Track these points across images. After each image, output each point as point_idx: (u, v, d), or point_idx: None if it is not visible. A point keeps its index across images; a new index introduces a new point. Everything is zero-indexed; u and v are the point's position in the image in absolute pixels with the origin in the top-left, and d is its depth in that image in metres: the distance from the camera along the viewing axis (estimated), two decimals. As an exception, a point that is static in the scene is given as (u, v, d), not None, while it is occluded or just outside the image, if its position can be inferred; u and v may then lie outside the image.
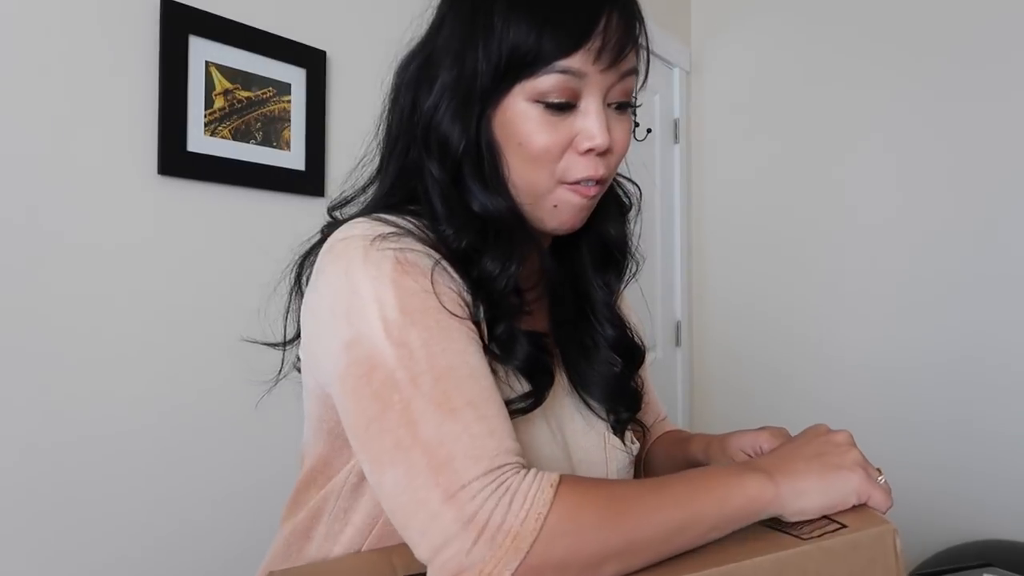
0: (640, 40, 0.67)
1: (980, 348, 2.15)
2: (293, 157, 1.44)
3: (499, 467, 0.53)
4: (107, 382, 1.18)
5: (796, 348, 2.48)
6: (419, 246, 0.61)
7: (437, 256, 0.61)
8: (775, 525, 0.57)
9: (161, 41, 1.24)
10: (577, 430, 0.72)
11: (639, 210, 0.80)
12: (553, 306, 0.73)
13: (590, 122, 0.63)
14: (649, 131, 2.49)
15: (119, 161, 1.20)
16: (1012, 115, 2.13)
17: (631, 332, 0.79)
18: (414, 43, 0.73)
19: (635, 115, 0.71)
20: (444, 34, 0.67)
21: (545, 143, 0.63)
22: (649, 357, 0.84)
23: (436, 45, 0.68)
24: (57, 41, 1.13)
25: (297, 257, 0.72)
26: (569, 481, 0.54)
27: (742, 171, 2.64)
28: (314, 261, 0.66)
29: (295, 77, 1.44)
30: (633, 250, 0.79)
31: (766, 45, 2.59)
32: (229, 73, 1.34)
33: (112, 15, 1.19)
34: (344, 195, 0.74)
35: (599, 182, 0.66)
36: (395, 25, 0.75)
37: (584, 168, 0.65)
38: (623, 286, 0.79)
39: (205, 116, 1.30)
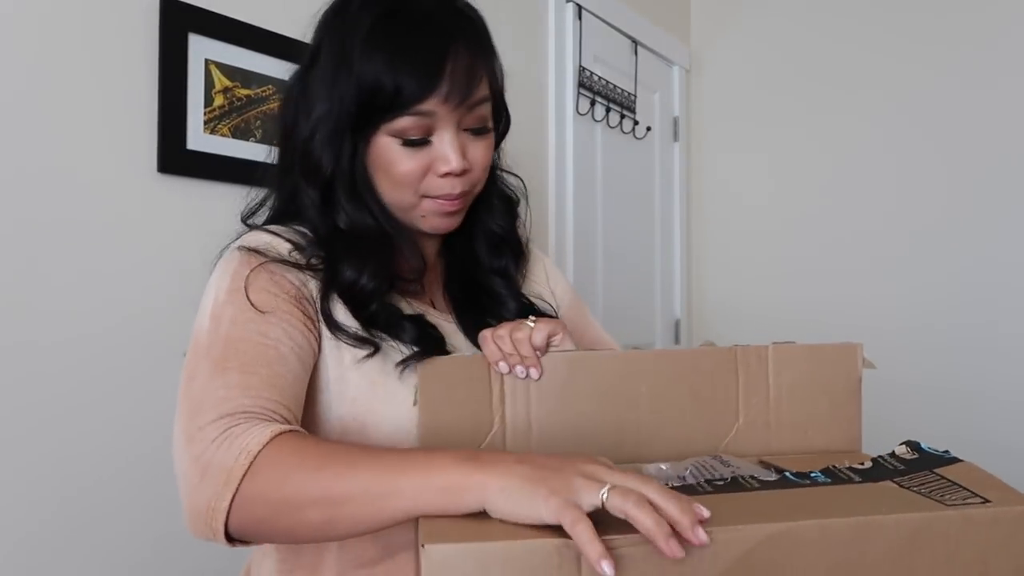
0: (490, 65, 0.76)
1: (981, 346, 2.15)
2: (293, 155, 1.44)
3: (232, 414, 0.61)
4: (106, 381, 1.18)
5: (795, 346, 2.48)
6: (287, 248, 0.73)
7: (276, 257, 0.72)
8: (918, 489, 0.57)
9: (161, 39, 1.24)
10: None
11: (527, 201, 0.91)
12: (447, 284, 0.85)
13: (445, 150, 0.73)
14: (648, 129, 2.49)
15: (119, 159, 1.20)
16: (1013, 115, 2.14)
17: (530, 302, 0.89)
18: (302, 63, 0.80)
19: (499, 127, 0.82)
20: (320, 64, 0.75)
21: (405, 170, 0.73)
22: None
23: (313, 74, 0.75)
24: (57, 39, 1.13)
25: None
26: (291, 433, 0.61)
27: (742, 169, 2.64)
28: None
29: (295, 75, 1.43)
30: (524, 239, 0.90)
31: (766, 43, 2.59)
32: (228, 71, 1.34)
33: (112, 13, 1.19)
34: (250, 207, 0.84)
35: (460, 196, 0.76)
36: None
37: (441, 187, 0.75)
38: (519, 269, 0.90)
39: (205, 114, 1.30)
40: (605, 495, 0.48)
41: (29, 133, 1.11)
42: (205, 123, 1.30)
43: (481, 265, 0.86)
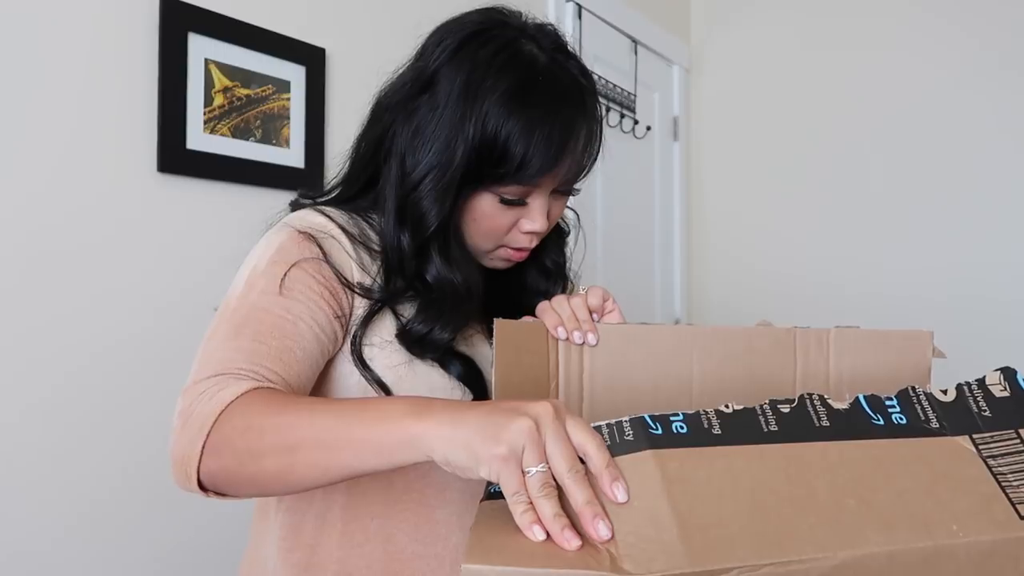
0: (600, 141, 0.78)
1: (985, 353, 2.15)
2: (292, 154, 1.44)
3: (225, 373, 0.62)
4: (106, 381, 1.18)
5: (795, 346, 2.48)
6: (340, 235, 0.73)
7: (321, 257, 0.71)
8: (995, 466, 0.53)
9: (160, 39, 1.24)
10: None
11: (578, 234, 0.94)
12: (486, 304, 0.82)
13: (534, 212, 0.76)
14: (648, 129, 2.49)
15: (118, 158, 1.20)
16: (1016, 119, 2.14)
17: None
18: (402, 70, 0.78)
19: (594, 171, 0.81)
20: (438, 98, 0.72)
21: (496, 225, 0.76)
22: None
23: (428, 105, 0.73)
24: (57, 39, 1.13)
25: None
26: (268, 388, 0.62)
27: (742, 168, 2.64)
28: None
29: (294, 75, 1.44)
30: (569, 272, 0.91)
31: (766, 42, 2.59)
32: (228, 71, 1.34)
33: (112, 13, 1.19)
34: (307, 193, 0.83)
35: (531, 247, 0.80)
36: (394, 23, 0.76)
37: (520, 241, 0.78)
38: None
39: (204, 114, 1.30)
40: (532, 472, 0.47)
41: (29, 133, 1.11)
42: (205, 123, 1.30)
43: (527, 289, 0.87)
